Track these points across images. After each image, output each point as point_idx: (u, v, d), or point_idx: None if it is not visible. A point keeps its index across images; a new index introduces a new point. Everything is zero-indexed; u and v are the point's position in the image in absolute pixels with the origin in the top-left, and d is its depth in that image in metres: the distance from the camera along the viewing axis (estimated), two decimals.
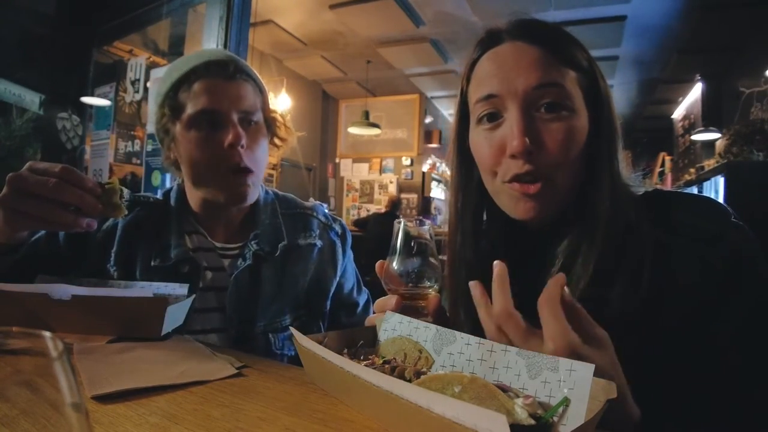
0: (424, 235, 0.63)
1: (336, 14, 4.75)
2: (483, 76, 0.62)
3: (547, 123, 0.57)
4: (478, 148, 0.63)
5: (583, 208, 0.59)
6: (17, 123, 2.61)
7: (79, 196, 0.69)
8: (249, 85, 0.89)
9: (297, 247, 0.97)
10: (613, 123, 0.60)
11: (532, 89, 0.57)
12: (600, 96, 0.60)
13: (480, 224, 0.69)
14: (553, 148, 0.57)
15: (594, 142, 0.60)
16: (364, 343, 0.62)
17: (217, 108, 0.85)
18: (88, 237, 0.94)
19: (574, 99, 0.58)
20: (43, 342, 0.22)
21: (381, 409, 0.46)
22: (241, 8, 2.21)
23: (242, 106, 0.87)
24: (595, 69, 0.61)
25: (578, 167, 0.59)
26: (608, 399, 0.38)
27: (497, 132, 0.60)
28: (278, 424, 0.46)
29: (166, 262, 0.90)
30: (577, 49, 0.61)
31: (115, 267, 0.91)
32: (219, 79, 0.86)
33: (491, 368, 0.47)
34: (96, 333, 0.73)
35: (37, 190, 0.66)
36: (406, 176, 7.33)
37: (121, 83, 2.80)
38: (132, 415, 0.47)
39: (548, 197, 0.59)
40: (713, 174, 3.78)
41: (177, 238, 0.92)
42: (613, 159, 0.60)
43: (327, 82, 7.21)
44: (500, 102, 0.59)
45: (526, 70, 0.57)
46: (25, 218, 0.68)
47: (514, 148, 0.56)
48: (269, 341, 0.91)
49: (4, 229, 0.71)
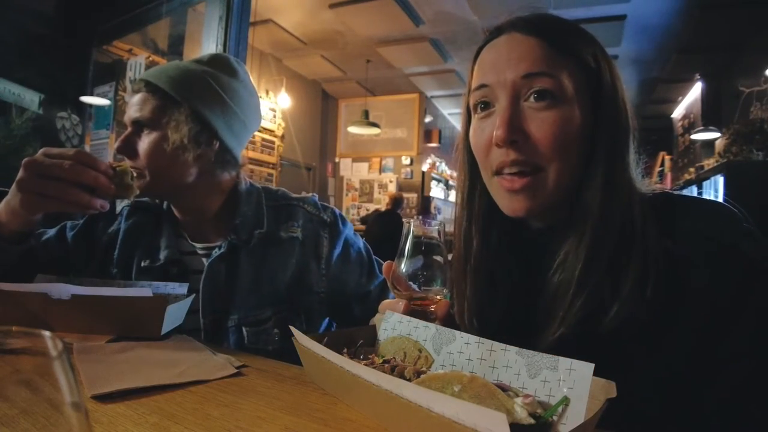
0: (432, 237, 0.62)
1: (336, 13, 4.75)
2: (479, 68, 0.62)
3: (534, 112, 0.57)
4: (472, 137, 0.64)
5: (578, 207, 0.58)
6: (17, 122, 2.60)
7: (94, 177, 0.73)
8: (144, 95, 0.90)
9: (279, 241, 0.96)
10: (617, 121, 0.59)
11: (521, 78, 0.57)
12: (603, 90, 0.59)
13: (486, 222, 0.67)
14: (540, 137, 0.56)
15: (594, 138, 0.58)
16: (364, 342, 0.62)
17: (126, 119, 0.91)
18: (94, 239, 0.98)
19: (567, 90, 0.56)
20: (43, 341, 0.22)
21: (381, 408, 0.46)
22: (240, 7, 2.21)
23: (132, 115, 0.90)
24: (602, 63, 0.59)
25: (571, 160, 0.58)
26: (608, 398, 0.38)
27: (488, 121, 0.60)
28: (278, 423, 0.46)
29: (155, 263, 0.92)
30: (583, 43, 0.60)
31: (117, 269, 0.95)
32: (133, 95, 0.92)
33: (491, 367, 0.47)
34: (96, 332, 0.73)
35: (54, 172, 0.71)
36: (406, 176, 7.32)
37: (120, 83, 2.80)
38: (132, 414, 0.47)
39: (537, 192, 0.58)
40: (713, 173, 3.79)
41: (167, 240, 0.95)
42: (616, 157, 0.58)
43: (326, 82, 7.21)
44: (491, 92, 0.59)
45: (517, 60, 0.57)
46: (42, 200, 0.72)
47: (498, 137, 0.56)
48: (242, 335, 0.89)
49: (20, 212, 0.74)
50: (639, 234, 0.54)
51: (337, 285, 0.99)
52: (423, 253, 0.61)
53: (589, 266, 0.55)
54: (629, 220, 0.55)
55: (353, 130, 6.58)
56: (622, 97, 0.60)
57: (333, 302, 0.99)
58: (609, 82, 0.59)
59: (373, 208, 6.98)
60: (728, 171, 3.40)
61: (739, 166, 3.49)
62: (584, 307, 0.54)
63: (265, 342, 0.90)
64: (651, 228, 0.55)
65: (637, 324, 0.52)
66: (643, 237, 0.54)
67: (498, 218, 0.65)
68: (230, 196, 0.99)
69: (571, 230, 0.58)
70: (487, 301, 0.65)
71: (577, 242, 0.56)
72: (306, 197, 1.05)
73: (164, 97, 0.88)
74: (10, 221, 0.76)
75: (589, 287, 0.54)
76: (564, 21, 0.62)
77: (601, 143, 0.58)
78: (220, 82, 0.93)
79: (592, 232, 0.56)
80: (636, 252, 0.54)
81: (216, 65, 0.95)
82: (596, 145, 0.58)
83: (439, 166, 7.72)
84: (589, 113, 0.58)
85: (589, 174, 0.58)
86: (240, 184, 1.01)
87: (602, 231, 0.55)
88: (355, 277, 1.01)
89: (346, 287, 1.00)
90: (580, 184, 0.59)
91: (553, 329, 0.55)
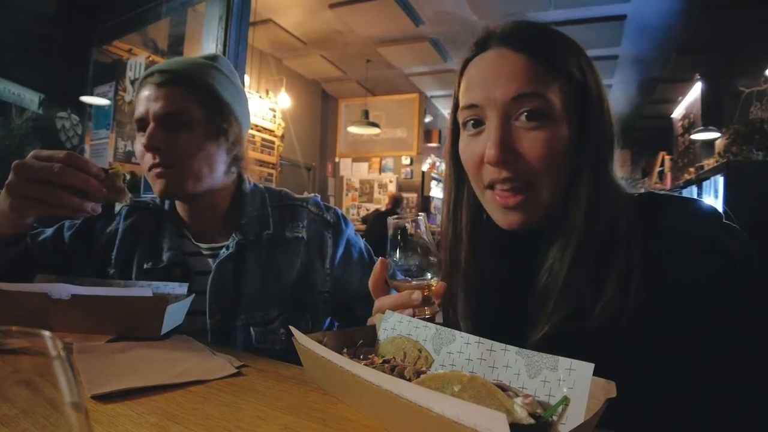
0: (418, 230, 0.64)
1: (335, 13, 4.75)
2: (468, 84, 0.63)
3: (525, 132, 0.58)
4: (463, 152, 0.65)
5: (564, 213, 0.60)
6: (16, 122, 2.60)
7: (84, 180, 0.71)
8: (179, 89, 0.88)
9: (284, 241, 0.96)
10: (603, 131, 0.60)
11: (511, 99, 0.57)
12: (590, 104, 0.59)
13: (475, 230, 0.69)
14: (531, 157, 0.57)
15: (581, 149, 0.59)
16: (364, 342, 0.62)
17: (143, 114, 0.87)
18: (92, 239, 0.97)
19: (556, 108, 0.57)
20: (43, 341, 0.22)
21: (380, 408, 0.46)
22: (240, 7, 2.21)
23: (163, 109, 0.86)
24: (588, 75, 0.60)
25: (561, 175, 0.59)
26: (608, 398, 0.38)
27: (479, 139, 0.61)
28: (277, 423, 0.46)
29: (158, 265, 0.92)
30: (569, 54, 0.60)
31: (115, 269, 0.94)
32: (151, 86, 0.88)
33: (491, 367, 0.47)
34: (96, 332, 0.73)
35: (43, 175, 0.69)
36: (406, 175, 7.32)
37: (120, 82, 2.80)
38: (131, 414, 0.47)
39: (530, 208, 0.60)
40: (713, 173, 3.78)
41: (170, 241, 0.94)
42: (602, 166, 0.59)
43: (326, 82, 7.21)
44: (481, 111, 0.60)
45: (507, 80, 0.58)
46: (31, 203, 0.70)
47: (490, 157, 0.58)
48: (250, 335, 0.89)
49: (10, 216, 0.71)
50: (623, 238, 0.56)
51: (341, 285, 0.99)
52: (410, 246, 0.64)
53: (574, 273, 0.57)
54: (614, 226, 0.57)
55: (353, 130, 6.58)
56: (606, 107, 0.61)
57: (336, 302, 1.00)
58: (595, 93, 0.60)
59: (373, 208, 6.99)
60: (728, 171, 3.40)
61: (739, 166, 3.49)
62: (568, 308, 0.56)
63: (272, 342, 0.90)
64: (634, 229, 0.56)
65: (621, 321, 0.53)
66: (627, 241, 0.56)
67: (485, 226, 0.67)
68: (235, 195, 1.00)
69: (557, 237, 0.60)
70: (478, 304, 0.66)
71: (562, 250, 0.58)
72: (308, 197, 1.06)
73: (191, 89, 0.88)
74: (0, 225, 0.74)
75: (573, 289, 0.56)
76: (550, 31, 0.62)
77: (588, 154, 0.59)
78: (234, 75, 0.96)
79: (576, 243, 0.57)
80: (619, 256, 0.55)
81: (220, 62, 0.97)
82: (584, 155, 0.59)
83: (439, 166, 7.71)
84: (576, 127, 0.59)
85: (574, 185, 0.59)
86: (244, 183, 1.01)
87: (585, 242, 0.57)
88: (358, 277, 1.01)
89: (349, 287, 1.00)
90: (567, 194, 0.60)
91: (538, 329, 0.57)
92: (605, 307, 0.54)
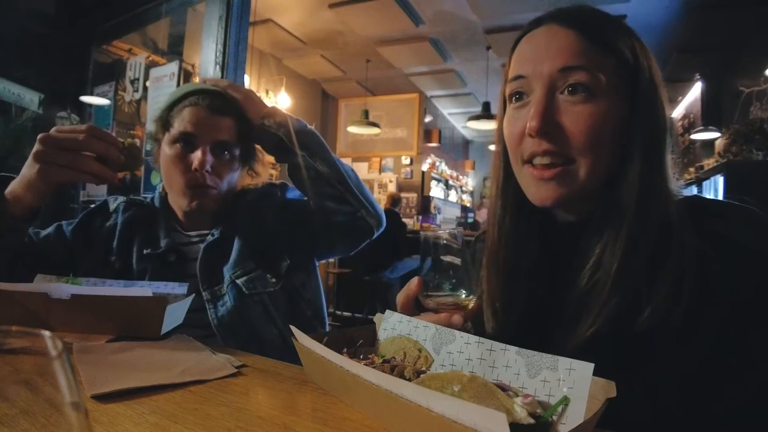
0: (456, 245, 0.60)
1: (335, 13, 4.74)
2: (517, 57, 0.63)
3: (569, 105, 0.57)
4: (506, 125, 0.64)
5: (613, 202, 0.58)
6: (16, 122, 2.60)
7: (106, 147, 0.81)
8: (228, 119, 0.99)
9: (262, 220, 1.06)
10: (654, 117, 0.58)
11: (558, 71, 0.57)
12: (640, 87, 0.58)
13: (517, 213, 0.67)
14: (572, 131, 0.56)
15: (630, 134, 0.58)
16: (364, 342, 0.62)
17: (193, 133, 0.96)
18: (92, 233, 1.05)
19: (603, 84, 0.56)
20: (43, 341, 0.22)
21: (381, 408, 0.46)
22: (240, 7, 2.21)
23: (217, 136, 0.98)
24: (640, 58, 0.59)
25: (604, 155, 0.57)
26: (608, 398, 0.38)
27: (522, 111, 0.61)
28: (277, 422, 0.46)
29: (156, 251, 1.00)
30: (621, 35, 0.59)
31: (116, 257, 1.02)
32: (203, 109, 0.97)
33: (491, 367, 0.47)
34: (95, 332, 0.73)
35: (69, 144, 0.78)
36: (406, 175, 7.32)
37: (120, 82, 2.80)
38: (131, 414, 0.47)
39: (567, 183, 0.58)
40: (713, 173, 3.79)
41: (165, 231, 1.04)
42: (653, 155, 0.57)
43: (326, 81, 7.20)
44: (527, 83, 0.60)
45: (555, 53, 0.58)
46: (58, 170, 0.78)
47: (531, 127, 0.57)
48: (240, 288, 0.95)
49: (36, 183, 0.78)
50: (676, 234, 0.54)
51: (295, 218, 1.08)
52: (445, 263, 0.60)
53: (627, 264, 0.54)
54: (666, 220, 0.55)
55: (353, 129, 6.58)
56: (660, 94, 0.59)
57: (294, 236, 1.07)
58: (647, 77, 0.58)
59: None
60: (728, 171, 3.40)
61: (739, 166, 3.49)
62: (619, 306, 0.53)
63: (263, 286, 0.97)
64: (688, 230, 0.54)
65: (668, 325, 0.51)
66: (680, 238, 0.53)
67: (527, 209, 0.65)
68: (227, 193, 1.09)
69: (606, 227, 0.57)
70: (509, 293, 0.65)
71: (614, 239, 0.56)
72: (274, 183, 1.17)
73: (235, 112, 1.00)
74: (25, 195, 0.80)
75: (625, 286, 0.54)
76: (603, 14, 0.62)
77: (638, 139, 0.57)
78: None
79: (629, 229, 0.55)
80: (674, 252, 0.53)
81: None
82: (633, 140, 0.58)
83: (438, 165, 7.71)
84: (625, 109, 0.58)
85: (624, 170, 0.58)
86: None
87: (639, 228, 0.55)
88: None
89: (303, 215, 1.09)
90: (615, 180, 0.58)
91: (586, 327, 0.55)
92: (656, 308, 0.51)
